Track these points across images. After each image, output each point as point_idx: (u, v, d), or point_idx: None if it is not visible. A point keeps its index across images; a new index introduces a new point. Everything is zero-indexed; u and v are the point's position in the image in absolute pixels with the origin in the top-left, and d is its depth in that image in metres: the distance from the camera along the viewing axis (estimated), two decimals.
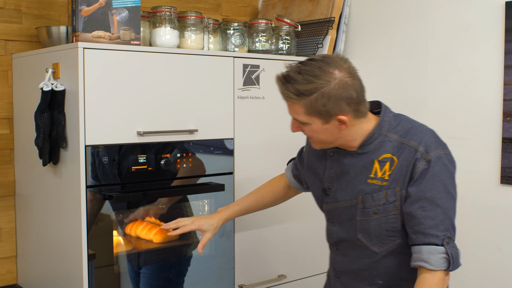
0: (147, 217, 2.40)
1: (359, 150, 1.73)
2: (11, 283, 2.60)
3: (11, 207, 2.59)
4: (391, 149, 1.69)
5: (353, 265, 1.82)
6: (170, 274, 2.40)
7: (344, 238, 1.81)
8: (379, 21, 2.82)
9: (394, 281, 1.77)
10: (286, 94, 1.64)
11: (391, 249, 1.73)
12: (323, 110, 1.62)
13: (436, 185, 1.63)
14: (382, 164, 1.70)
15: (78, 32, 2.13)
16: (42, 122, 2.18)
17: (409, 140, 1.68)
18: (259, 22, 2.67)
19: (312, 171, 1.90)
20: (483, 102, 2.43)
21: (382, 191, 1.69)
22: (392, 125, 1.73)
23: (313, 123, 1.66)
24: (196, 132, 2.37)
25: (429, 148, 1.66)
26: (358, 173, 1.74)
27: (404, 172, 1.66)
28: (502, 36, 2.36)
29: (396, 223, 1.69)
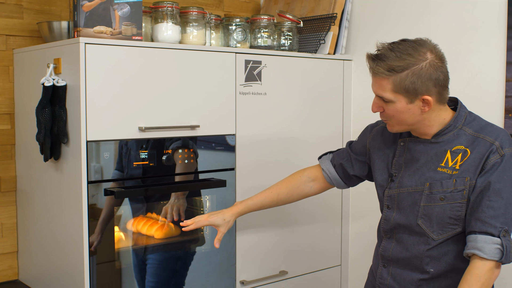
0: (149, 213, 2.40)
1: (433, 139, 1.80)
2: (12, 279, 2.60)
3: (12, 203, 2.59)
4: (465, 142, 1.76)
5: (406, 253, 1.84)
6: (176, 265, 2.41)
7: (402, 224, 1.84)
8: (381, 17, 2.81)
9: (445, 271, 1.80)
10: (377, 69, 1.71)
11: (449, 237, 1.78)
12: (411, 88, 1.69)
13: (505, 179, 1.70)
14: (454, 155, 1.76)
15: (79, 27, 2.12)
16: (44, 118, 2.18)
17: (485, 135, 1.75)
18: (261, 18, 2.66)
19: (379, 157, 1.94)
20: (485, 98, 2.43)
21: (452, 179, 1.75)
22: (467, 120, 1.80)
23: (397, 101, 1.72)
24: (197, 128, 2.36)
25: (504, 144, 1.73)
26: (429, 161, 1.80)
27: (476, 164, 1.73)
28: (505, 33, 2.35)
29: (460, 212, 1.75)
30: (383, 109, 1.77)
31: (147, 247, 2.38)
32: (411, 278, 1.84)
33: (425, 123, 1.78)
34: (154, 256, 2.37)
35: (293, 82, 2.68)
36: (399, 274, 1.87)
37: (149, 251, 2.37)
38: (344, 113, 2.89)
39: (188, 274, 2.44)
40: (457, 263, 1.79)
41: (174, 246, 2.44)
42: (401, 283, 1.86)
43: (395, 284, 1.88)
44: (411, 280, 1.84)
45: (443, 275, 1.81)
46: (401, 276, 1.86)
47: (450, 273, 1.80)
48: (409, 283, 1.85)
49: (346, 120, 2.90)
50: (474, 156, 1.73)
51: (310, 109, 2.75)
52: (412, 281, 1.84)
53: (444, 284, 1.81)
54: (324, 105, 2.81)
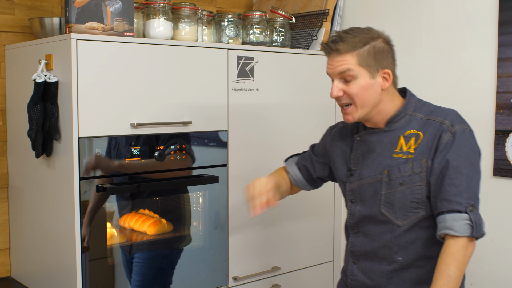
0: (141, 209, 2.40)
1: (386, 128, 1.84)
2: (5, 276, 2.60)
3: (4, 199, 2.58)
4: (416, 126, 1.81)
5: (373, 244, 1.85)
6: (162, 264, 2.40)
7: (366, 216, 1.86)
8: (373, 14, 2.82)
9: (413, 259, 1.81)
10: (341, 46, 1.75)
11: (414, 222, 1.79)
12: (373, 61, 1.77)
13: (461, 155, 1.73)
14: (407, 139, 1.80)
15: (71, 23, 2.12)
16: (35, 114, 2.17)
17: (435, 116, 1.80)
18: (253, 14, 2.66)
19: (338, 155, 1.98)
20: (477, 94, 2.44)
21: (408, 163, 1.78)
22: (417, 106, 1.85)
23: (361, 76, 1.76)
24: (190, 124, 2.36)
25: (454, 122, 1.77)
26: (384, 149, 1.83)
27: (430, 145, 1.76)
28: (496, 29, 2.36)
29: (421, 194, 1.77)
30: (343, 92, 1.79)
31: (133, 245, 2.37)
32: (381, 270, 1.84)
33: (381, 107, 1.81)
34: (139, 255, 2.36)
35: (286, 78, 2.69)
36: (369, 268, 1.87)
37: (134, 249, 2.36)
38: (336, 109, 2.89)
39: (180, 271, 2.44)
40: (425, 251, 1.80)
41: (159, 244, 2.42)
42: (372, 277, 1.86)
43: (366, 279, 1.88)
44: (381, 273, 1.84)
45: (412, 264, 1.82)
46: (371, 270, 1.87)
47: (419, 262, 1.81)
48: (380, 276, 1.85)
49: (338, 116, 2.91)
50: (427, 137, 1.77)
51: (302, 105, 2.76)
52: (382, 273, 1.84)
53: (414, 275, 1.82)
54: (316, 101, 2.81)
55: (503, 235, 2.38)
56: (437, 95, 2.56)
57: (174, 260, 2.45)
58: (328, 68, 1.81)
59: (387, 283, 1.84)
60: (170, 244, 2.46)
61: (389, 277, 1.84)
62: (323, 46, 1.82)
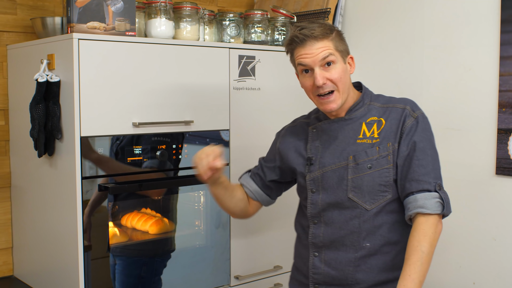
0: (143, 208, 2.40)
1: (347, 116, 1.88)
2: (7, 275, 2.60)
3: (6, 199, 2.59)
4: (377, 114, 1.87)
5: (340, 232, 1.85)
6: (141, 271, 2.36)
7: (331, 203, 1.86)
8: (375, 12, 2.82)
9: (380, 244, 1.83)
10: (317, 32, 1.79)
11: (381, 206, 1.82)
12: (342, 46, 1.84)
13: (425, 137, 1.81)
14: (369, 126, 1.85)
15: (73, 23, 2.12)
16: (37, 114, 2.18)
17: (394, 103, 1.88)
18: (254, 13, 2.66)
19: (292, 151, 1.97)
20: (479, 93, 2.43)
21: (375, 147, 1.82)
22: (374, 97, 1.92)
23: (338, 61, 1.81)
24: (191, 123, 2.37)
25: (414, 108, 1.86)
26: (347, 135, 1.86)
27: (394, 129, 1.82)
28: (498, 27, 2.36)
29: (388, 177, 1.81)
30: (327, 77, 1.80)
31: (115, 250, 2.29)
32: (347, 258, 1.84)
33: (350, 93, 1.87)
34: (119, 261, 2.30)
35: (287, 77, 2.68)
36: (333, 258, 1.86)
37: (115, 254, 2.29)
38: None
39: (183, 269, 2.44)
40: (391, 236, 1.83)
41: (137, 251, 2.37)
42: (338, 266, 1.85)
43: (331, 270, 1.87)
44: (347, 261, 1.84)
45: (379, 250, 1.83)
46: (336, 260, 1.86)
47: (385, 247, 1.83)
48: (346, 265, 1.84)
49: None
50: (390, 123, 1.83)
51: (304, 104, 2.75)
52: (349, 261, 1.84)
53: (381, 262, 1.83)
54: None
55: (505, 234, 2.37)
56: (439, 94, 2.56)
57: (158, 267, 2.39)
58: (305, 57, 1.80)
59: (354, 271, 1.84)
60: (151, 250, 2.41)
61: (356, 264, 1.83)
62: (293, 37, 1.81)
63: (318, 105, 1.86)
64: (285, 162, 2.00)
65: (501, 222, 2.38)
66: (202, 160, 1.83)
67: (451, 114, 2.52)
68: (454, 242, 2.52)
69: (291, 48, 1.85)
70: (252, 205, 2.09)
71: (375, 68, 2.82)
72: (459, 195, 2.48)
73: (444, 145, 2.53)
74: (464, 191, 2.48)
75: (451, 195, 2.50)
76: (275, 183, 2.08)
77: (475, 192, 2.45)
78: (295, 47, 1.83)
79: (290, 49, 1.86)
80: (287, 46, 1.87)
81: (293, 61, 1.89)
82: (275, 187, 2.09)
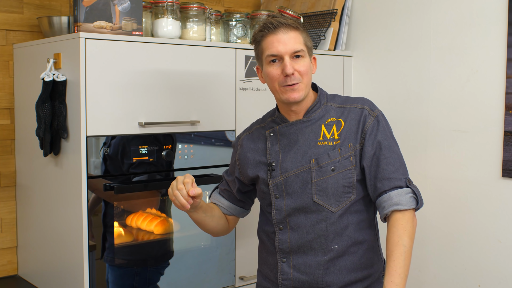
0: (148, 209, 2.40)
1: (305, 118, 1.87)
2: (12, 274, 2.60)
3: (12, 198, 2.59)
4: (335, 114, 1.86)
5: (307, 236, 1.84)
6: (134, 282, 2.32)
7: (296, 208, 1.84)
8: (382, 14, 2.81)
9: (347, 245, 1.83)
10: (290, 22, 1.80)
11: (346, 207, 1.82)
12: (310, 43, 1.86)
13: (388, 135, 1.83)
14: (329, 127, 1.85)
15: (79, 22, 2.12)
16: (43, 113, 2.18)
17: (351, 104, 1.88)
18: (261, 14, 2.66)
19: (252, 157, 1.94)
20: (486, 95, 2.43)
21: (337, 149, 1.82)
22: (329, 97, 1.92)
23: (305, 56, 1.82)
24: (197, 123, 2.36)
25: (372, 107, 1.87)
26: (307, 138, 1.85)
27: (355, 129, 1.83)
28: (505, 29, 2.35)
29: (351, 178, 1.82)
30: (294, 68, 1.79)
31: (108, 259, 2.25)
32: (316, 262, 1.83)
33: (309, 93, 1.87)
34: (111, 271, 2.26)
35: None
36: (302, 263, 1.85)
37: (108, 262, 2.25)
38: None
39: (188, 270, 2.44)
40: (357, 236, 1.84)
41: (128, 261, 2.33)
42: (307, 271, 1.84)
43: (300, 275, 1.85)
44: (316, 265, 1.83)
45: (346, 251, 1.83)
46: (305, 264, 1.85)
47: (352, 248, 1.84)
48: (316, 268, 1.83)
49: None
50: (349, 123, 1.83)
51: None
52: (318, 265, 1.83)
53: (349, 262, 1.84)
54: None
55: (511, 236, 2.36)
56: (446, 95, 2.55)
57: (152, 277, 2.36)
58: (277, 45, 1.78)
59: (324, 274, 1.83)
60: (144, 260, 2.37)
61: (325, 267, 1.83)
62: (267, 23, 1.80)
63: (282, 94, 1.82)
64: (245, 172, 1.97)
65: (506, 224, 2.38)
66: (181, 190, 1.77)
67: (457, 116, 2.51)
68: (459, 244, 2.52)
69: (261, 35, 1.82)
70: (229, 220, 2.08)
71: (381, 70, 2.81)
72: (465, 197, 2.47)
73: (450, 147, 2.52)
74: (470, 193, 2.47)
75: (456, 197, 2.50)
76: (244, 194, 2.06)
77: (481, 194, 2.44)
78: (267, 34, 1.80)
79: (260, 36, 1.82)
80: (258, 33, 1.83)
81: (259, 50, 1.85)
82: (245, 198, 2.07)
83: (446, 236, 2.53)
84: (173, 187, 1.80)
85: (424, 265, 2.61)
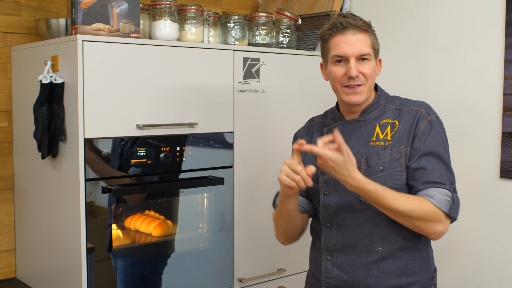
0: (147, 211, 2.40)
1: (361, 118, 1.85)
2: (10, 277, 2.60)
3: (10, 200, 2.58)
4: (391, 116, 1.84)
5: (352, 235, 1.82)
6: (144, 271, 2.34)
7: (343, 206, 1.83)
8: (380, 15, 2.81)
9: (393, 249, 1.80)
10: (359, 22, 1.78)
11: None
12: (377, 46, 1.84)
13: (439, 142, 1.78)
14: (383, 128, 1.82)
15: (77, 24, 2.12)
16: (41, 115, 2.18)
17: (408, 106, 1.85)
18: (259, 15, 2.66)
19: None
20: (484, 96, 2.43)
21: (387, 150, 1.79)
22: (389, 99, 1.90)
23: (372, 59, 1.80)
24: (196, 125, 2.36)
25: (429, 111, 1.83)
26: (360, 137, 1.83)
27: (407, 131, 1.79)
28: (503, 30, 2.35)
29: (400, 180, 1.77)
30: (359, 71, 1.78)
31: (116, 251, 2.27)
32: (359, 262, 1.81)
33: (371, 94, 1.86)
34: (121, 262, 2.29)
35: (292, 80, 2.68)
36: (345, 262, 1.84)
37: (117, 254, 2.28)
38: None
39: (186, 272, 2.44)
40: (404, 240, 1.80)
41: (140, 251, 2.36)
42: (350, 270, 1.82)
43: (343, 274, 1.84)
44: (359, 265, 1.81)
45: (391, 255, 1.80)
46: (348, 264, 1.83)
47: (398, 252, 1.80)
48: (358, 269, 1.81)
49: None
50: (403, 125, 1.80)
51: (308, 106, 2.75)
52: (361, 265, 1.81)
53: (393, 266, 1.80)
54: (322, 102, 2.80)
55: (509, 237, 2.36)
56: (444, 96, 2.56)
57: (159, 267, 2.38)
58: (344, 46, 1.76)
59: (366, 275, 1.81)
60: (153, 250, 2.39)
61: (368, 269, 1.80)
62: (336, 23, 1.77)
63: (344, 95, 1.81)
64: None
65: (505, 225, 2.38)
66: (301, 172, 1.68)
67: (456, 117, 2.51)
68: (458, 245, 2.52)
69: (329, 33, 1.80)
70: (303, 218, 1.98)
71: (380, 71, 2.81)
72: (463, 198, 2.46)
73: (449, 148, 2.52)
74: (468, 194, 2.47)
75: None
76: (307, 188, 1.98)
77: (479, 195, 2.44)
78: (334, 34, 1.78)
79: (328, 34, 1.80)
80: (326, 31, 1.81)
81: (326, 48, 1.83)
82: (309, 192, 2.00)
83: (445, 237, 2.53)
84: (290, 173, 1.69)
85: None
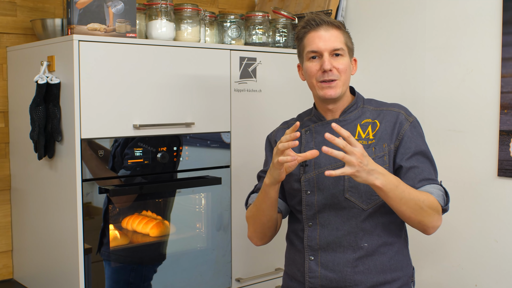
0: (144, 211, 2.39)
1: (341, 117, 1.90)
2: (7, 278, 2.59)
3: (6, 201, 2.58)
4: (371, 116, 1.90)
5: (336, 232, 1.83)
6: (129, 277, 2.31)
7: (327, 204, 1.84)
8: (376, 14, 2.81)
9: (377, 244, 1.83)
10: (332, 20, 1.84)
11: (378, 206, 1.82)
12: (351, 45, 1.89)
13: (423, 141, 1.88)
14: (364, 128, 1.87)
15: (73, 24, 2.11)
16: (37, 116, 2.17)
17: (387, 107, 1.92)
18: (256, 15, 2.65)
19: None
20: (481, 94, 2.43)
21: (371, 148, 1.83)
22: (366, 101, 1.96)
23: (345, 55, 1.85)
24: (192, 125, 2.36)
25: (408, 113, 1.90)
26: None
27: (389, 131, 1.85)
28: (500, 29, 2.35)
29: None
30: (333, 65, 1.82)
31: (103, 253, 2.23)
32: (345, 260, 1.83)
33: (346, 92, 1.90)
34: (107, 267, 2.25)
35: (288, 79, 2.68)
36: (330, 260, 1.84)
37: (105, 258, 2.24)
38: None
39: (184, 272, 2.43)
40: (387, 236, 1.84)
41: (123, 256, 2.31)
42: (335, 268, 1.83)
43: (328, 272, 1.84)
44: (345, 262, 1.83)
45: (376, 251, 1.83)
46: (333, 262, 1.84)
47: (382, 248, 1.84)
48: (344, 266, 1.83)
49: None
50: (385, 125, 1.86)
51: (305, 106, 2.74)
52: (347, 262, 1.82)
53: (378, 262, 1.83)
54: None
55: (507, 235, 2.36)
56: (441, 94, 2.55)
57: (146, 273, 2.35)
58: (318, 41, 1.82)
59: (352, 272, 1.82)
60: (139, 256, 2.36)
61: (354, 265, 1.82)
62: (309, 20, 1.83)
63: (319, 90, 1.85)
64: None
65: (502, 224, 2.37)
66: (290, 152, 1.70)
67: (453, 116, 2.51)
68: (456, 244, 2.52)
69: (304, 31, 1.86)
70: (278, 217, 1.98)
71: (377, 70, 2.81)
72: (461, 196, 2.47)
73: (446, 147, 2.52)
74: (465, 193, 2.47)
75: (452, 196, 2.49)
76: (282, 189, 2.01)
77: (477, 194, 2.44)
78: (309, 31, 1.84)
79: (303, 32, 1.86)
80: (300, 29, 1.87)
81: (301, 47, 1.89)
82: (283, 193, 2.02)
83: (443, 235, 2.53)
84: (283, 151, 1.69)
85: (420, 265, 2.60)
